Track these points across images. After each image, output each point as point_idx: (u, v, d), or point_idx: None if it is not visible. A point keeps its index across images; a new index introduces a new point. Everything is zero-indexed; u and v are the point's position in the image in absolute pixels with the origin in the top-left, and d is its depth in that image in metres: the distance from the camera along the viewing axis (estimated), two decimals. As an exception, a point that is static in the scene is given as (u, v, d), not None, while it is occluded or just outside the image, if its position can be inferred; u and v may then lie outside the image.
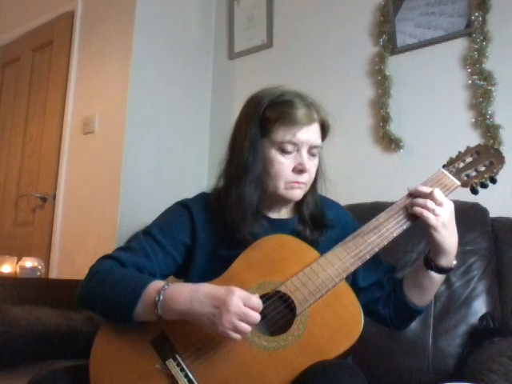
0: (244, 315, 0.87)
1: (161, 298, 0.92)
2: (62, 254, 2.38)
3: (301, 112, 1.04)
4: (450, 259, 1.05)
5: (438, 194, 1.01)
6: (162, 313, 0.93)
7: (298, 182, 1.07)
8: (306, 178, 1.08)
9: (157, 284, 0.96)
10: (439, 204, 1.00)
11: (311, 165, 1.08)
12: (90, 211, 2.30)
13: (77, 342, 1.54)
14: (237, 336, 0.88)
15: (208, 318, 0.89)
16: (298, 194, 1.09)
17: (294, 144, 1.05)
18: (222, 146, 1.14)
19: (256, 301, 0.90)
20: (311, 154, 1.08)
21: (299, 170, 1.06)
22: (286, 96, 1.07)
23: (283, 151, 1.05)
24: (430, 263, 1.06)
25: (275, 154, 1.06)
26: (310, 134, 1.05)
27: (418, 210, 1.01)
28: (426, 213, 1.00)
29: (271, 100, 1.07)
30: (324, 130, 1.10)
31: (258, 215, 1.09)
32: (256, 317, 0.88)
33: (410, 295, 1.11)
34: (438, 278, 1.07)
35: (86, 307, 1.02)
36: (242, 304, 0.88)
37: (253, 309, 0.89)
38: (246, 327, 0.88)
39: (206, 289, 0.92)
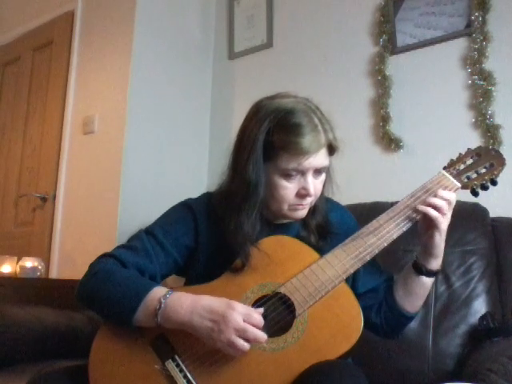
0: (243, 332, 0.87)
1: (162, 307, 0.92)
2: (62, 253, 2.38)
3: (308, 140, 0.98)
4: (439, 261, 1.07)
5: (454, 200, 1.03)
6: (162, 322, 0.93)
7: (301, 204, 1.05)
8: (311, 199, 1.06)
9: (158, 292, 0.95)
10: (451, 209, 1.02)
11: (316, 183, 1.05)
12: (90, 211, 2.30)
13: (77, 341, 1.54)
14: (234, 352, 0.88)
15: (207, 333, 0.89)
16: (301, 213, 1.07)
17: (299, 170, 1.01)
18: (222, 146, 1.12)
19: (256, 317, 0.89)
20: (317, 172, 1.04)
21: (303, 194, 1.03)
22: (295, 116, 1.00)
23: (287, 176, 1.02)
24: (421, 268, 1.06)
25: (279, 180, 1.02)
26: (316, 160, 1.01)
27: (432, 212, 1.00)
28: (440, 216, 1.00)
29: (278, 119, 1.01)
30: (332, 147, 1.05)
31: (260, 222, 1.07)
32: (255, 333, 0.87)
33: (401, 301, 1.10)
34: (427, 282, 1.08)
35: (84, 305, 1.02)
36: (241, 320, 0.87)
37: (253, 325, 0.88)
38: (244, 345, 0.87)
39: (206, 302, 0.92)
